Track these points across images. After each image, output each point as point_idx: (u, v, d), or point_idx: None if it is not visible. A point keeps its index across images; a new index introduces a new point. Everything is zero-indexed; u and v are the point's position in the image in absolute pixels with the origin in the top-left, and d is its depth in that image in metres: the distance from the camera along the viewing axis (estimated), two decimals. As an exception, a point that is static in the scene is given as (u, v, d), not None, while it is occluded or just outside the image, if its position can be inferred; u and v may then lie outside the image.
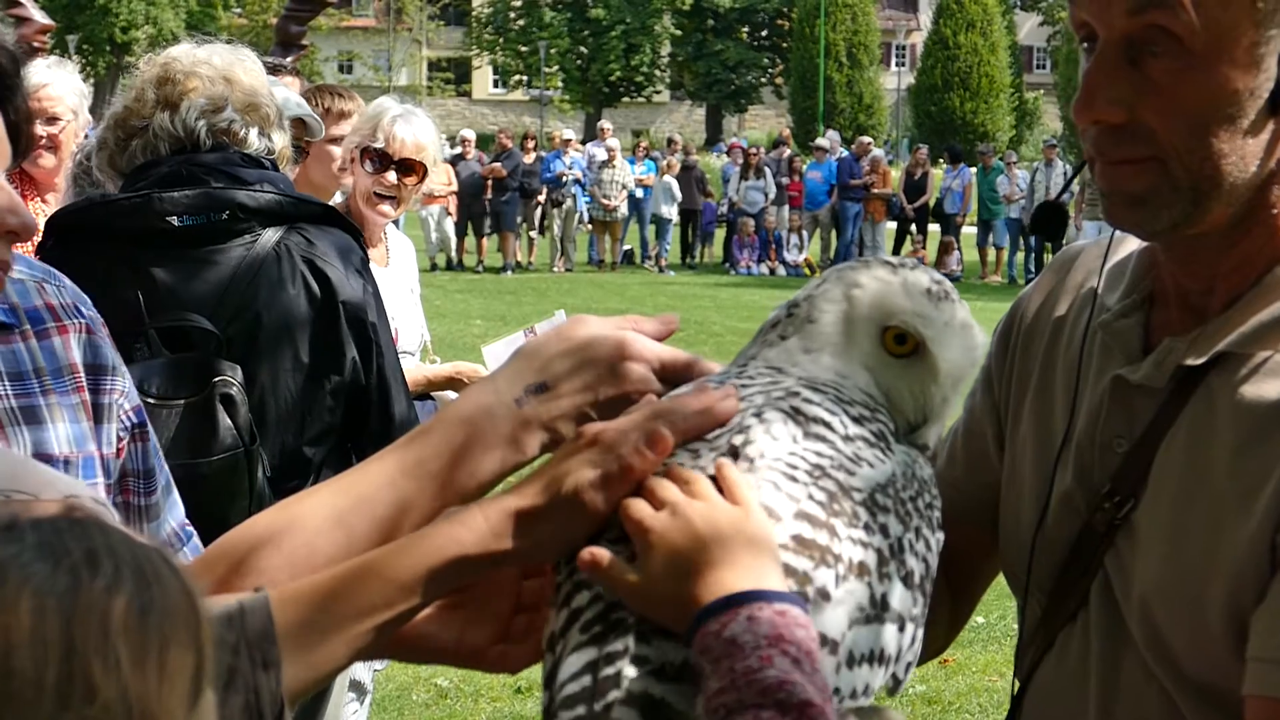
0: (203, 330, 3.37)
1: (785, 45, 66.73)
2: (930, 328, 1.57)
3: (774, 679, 1.30)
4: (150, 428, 2.54)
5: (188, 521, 2.63)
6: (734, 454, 1.48)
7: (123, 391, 2.44)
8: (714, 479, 1.46)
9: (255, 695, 1.36)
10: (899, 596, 1.48)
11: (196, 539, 2.62)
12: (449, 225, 26.94)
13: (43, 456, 2.26)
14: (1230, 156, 1.68)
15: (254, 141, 3.56)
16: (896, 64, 70.96)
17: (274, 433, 3.45)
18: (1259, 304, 1.75)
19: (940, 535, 1.56)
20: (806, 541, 1.43)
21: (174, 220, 3.45)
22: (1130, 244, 1.96)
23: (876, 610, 1.45)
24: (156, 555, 1.12)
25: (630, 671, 1.38)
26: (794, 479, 1.46)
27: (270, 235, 3.47)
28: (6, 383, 2.30)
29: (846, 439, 1.51)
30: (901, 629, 1.48)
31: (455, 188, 25.78)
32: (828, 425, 1.51)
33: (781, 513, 1.44)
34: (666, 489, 1.46)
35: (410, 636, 1.56)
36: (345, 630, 1.44)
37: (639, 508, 1.46)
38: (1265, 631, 1.63)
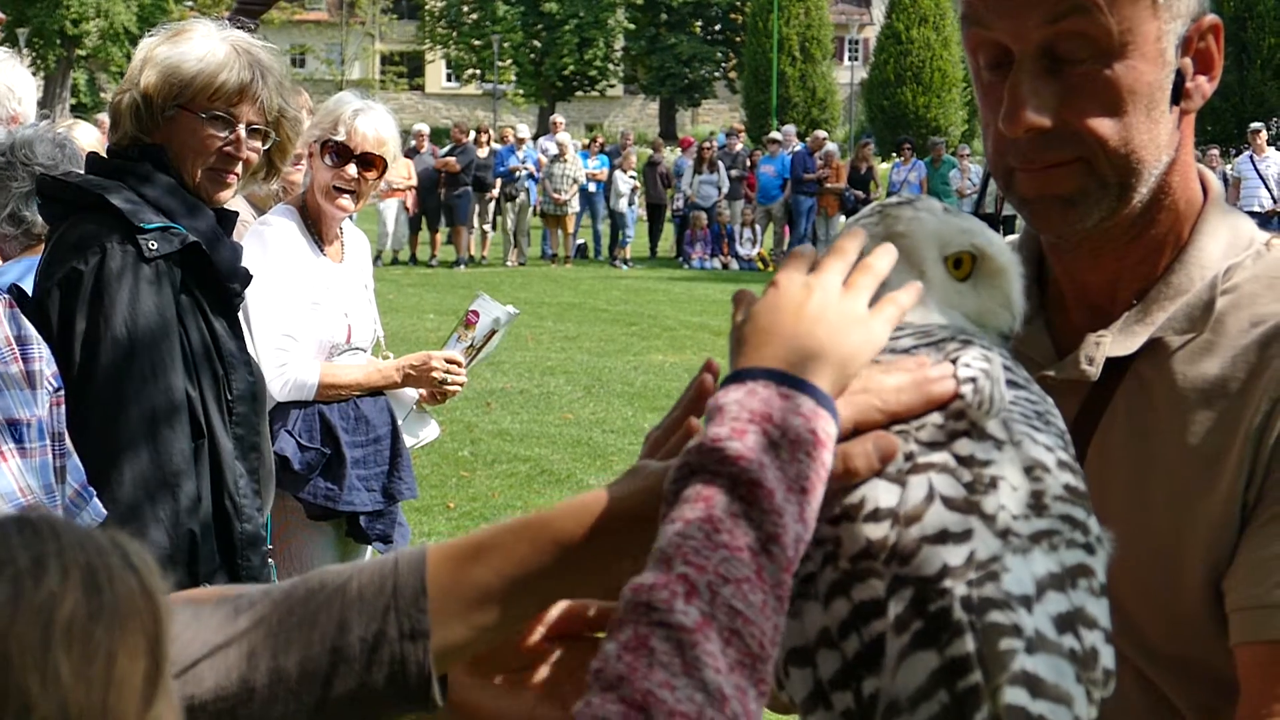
0: None
1: (738, 39, 66.66)
2: (976, 236, 1.55)
3: (734, 451, 1.25)
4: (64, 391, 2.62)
5: (87, 484, 2.70)
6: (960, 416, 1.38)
7: (46, 359, 2.52)
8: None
9: (401, 666, 1.33)
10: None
11: (97, 500, 2.69)
12: (401, 219, 26.89)
13: (11, 421, 2.35)
14: (1149, 147, 1.74)
15: (129, 130, 3.58)
16: (850, 58, 71.04)
17: None
18: (1178, 290, 1.82)
19: None
20: (1074, 490, 1.39)
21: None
22: None
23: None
24: (115, 556, 1.10)
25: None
26: (1036, 427, 1.40)
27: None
28: None
29: (1028, 380, 1.46)
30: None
31: (415, 182, 25.71)
32: (1010, 369, 1.45)
33: (1048, 463, 1.38)
34: None
35: (478, 710, 1.48)
36: (505, 591, 1.37)
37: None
38: (1245, 582, 1.69)
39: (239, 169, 3.62)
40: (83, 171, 3.71)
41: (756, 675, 1.19)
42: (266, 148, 3.70)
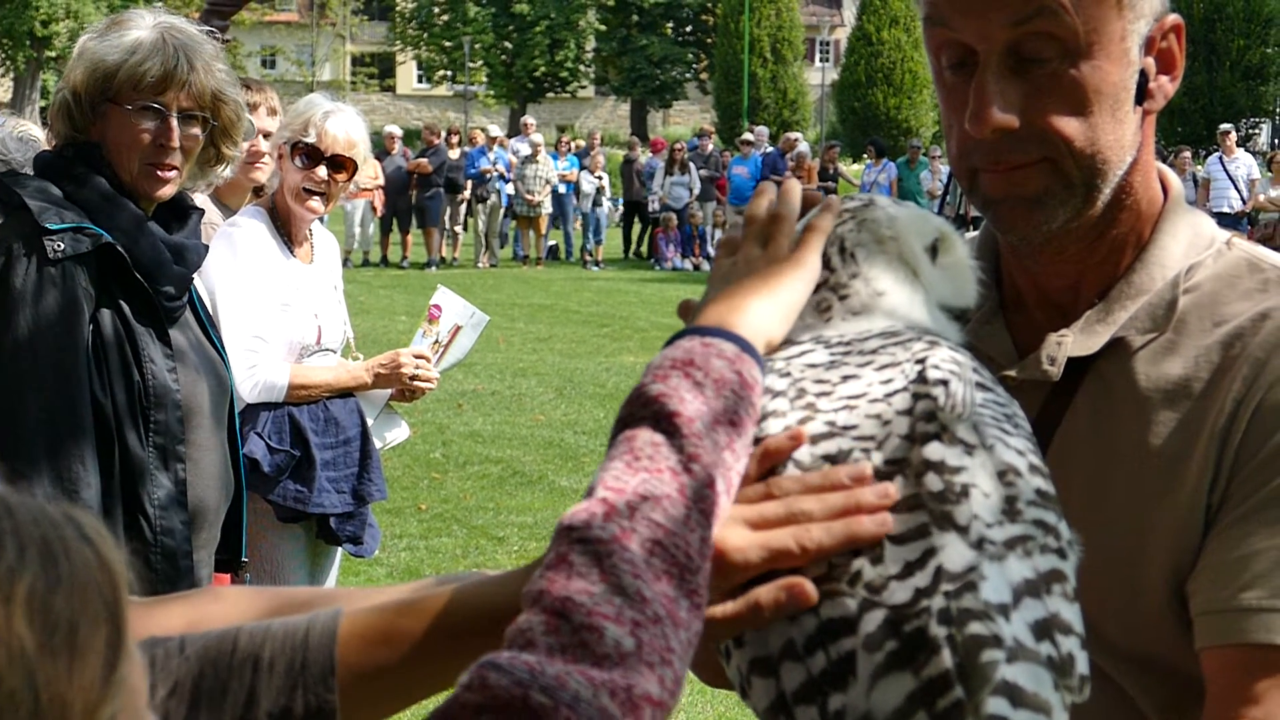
0: None
1: (709, 41, 66.74)
2: (936, 219, 1.58)
3: (655, 391, 1.32)
4: None
5: None
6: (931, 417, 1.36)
7: None
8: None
9: None
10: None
11: None
12: (369, 220, 26.88)
13: None
14: (1114, 147, 1.75)
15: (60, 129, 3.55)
16: (820, 60, 71.14)
17: None
18: (1139, 289, 1.82)
19: None
20: (1045, 494, 1.38)
21: None
22: None
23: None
24: (69, 527, 1.10)
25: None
26: (1006, 430, 1.39)
27: None
28: None
29: (994, 381, 1.46)
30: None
31: (382, 182, 25.68)
32: (976, 370, 1.44)
33: (1020, 467, 1.37)
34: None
35: None
36: (415, 673, 1.40)
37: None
38: (1210, 586, 1.69)
39: (176, 160, 3.47)
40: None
41: (687, 585, 1.22)
42: (208, 133, 3.55)
